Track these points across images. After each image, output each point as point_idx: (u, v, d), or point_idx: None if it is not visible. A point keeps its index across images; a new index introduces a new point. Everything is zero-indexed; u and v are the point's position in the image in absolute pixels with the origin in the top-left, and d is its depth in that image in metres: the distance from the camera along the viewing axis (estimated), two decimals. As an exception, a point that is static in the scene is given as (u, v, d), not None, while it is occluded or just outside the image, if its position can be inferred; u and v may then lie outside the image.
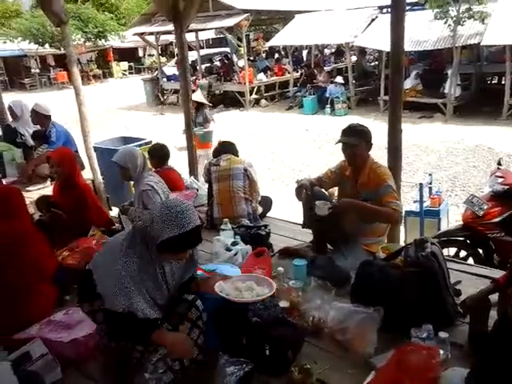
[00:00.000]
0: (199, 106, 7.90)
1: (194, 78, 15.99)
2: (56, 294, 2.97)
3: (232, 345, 2.25)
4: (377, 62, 15.16)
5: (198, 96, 8.15)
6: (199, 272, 2.55)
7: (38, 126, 5.52)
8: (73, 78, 4.66)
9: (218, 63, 17.03)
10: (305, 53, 17.90)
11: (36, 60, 26.90)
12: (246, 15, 13.40)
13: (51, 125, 5.30)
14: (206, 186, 4.29)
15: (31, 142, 5.63)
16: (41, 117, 5.26)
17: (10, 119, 6.08)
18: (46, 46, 24.92)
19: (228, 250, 3.11)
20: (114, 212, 4.93)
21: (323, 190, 3.51)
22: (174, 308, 2.22)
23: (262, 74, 15.31)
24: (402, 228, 4.10)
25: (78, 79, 4.68)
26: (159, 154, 4.31)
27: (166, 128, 12.16)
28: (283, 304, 2.53)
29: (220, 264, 2.92)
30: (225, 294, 2.30)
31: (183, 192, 4.29)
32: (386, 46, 9.52)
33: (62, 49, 25.96)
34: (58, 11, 4.18)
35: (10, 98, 6.74)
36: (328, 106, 12.70)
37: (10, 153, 5.47)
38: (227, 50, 18.16)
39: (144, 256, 2.09)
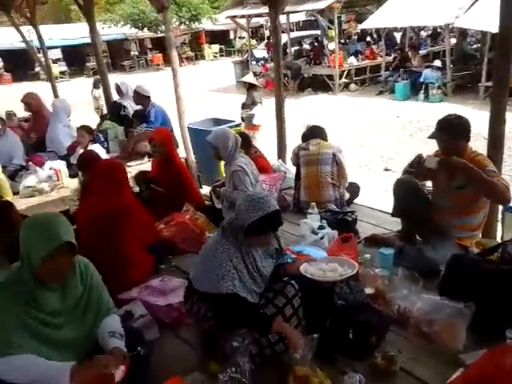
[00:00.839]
0: (250, 87, 7.91)
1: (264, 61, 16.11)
2: (153, 263, 3.23)
3: (316, 326, 2.31)
4: (479, 45, 14.06)
5: (250, 78, 8.14)
6: (287, 253, 2.63)
7: (139, 106, 5.93)
8: (171, 60, 4.91)
9: (307, 46, 16.84)
10: (398, 35, 17.10)
11: (135, 43, 28.53)
12: (338, -3, 13.08)
13: (150, 105, 5.66)
14: (294, 169, 4.35)
15: (131, 112, 6.06)
16: (141, 97, 5.63)
17: (116, 97, 6.59)
18: (145, 30, 26.31)
19: (314, 233, 3.16)
20: (204, 190, 5.18)
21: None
22: (271, 286, 2.33)
23: (353, 57, 14.91)
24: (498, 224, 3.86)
25: (175, 62, 4.92)
26: (248, 141, 4.43)
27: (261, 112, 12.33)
28: (369, 290, 2.54)
29: (307, 246, 2.98)
30: (309, 274, 2.37)
31: (271, 174, 4.38)
32: (492, 27, 8.83)
33: (159, 32, 27.31)
34: (162, -2, 4.41)
35: (112, 79, 7.23)
36: (422, 91, 12.08)
37: (113, 130, 5.94)
38: (317, 32, 17.89)
39: (235, 245, 2.27)
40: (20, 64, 25.64)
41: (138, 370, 2.00)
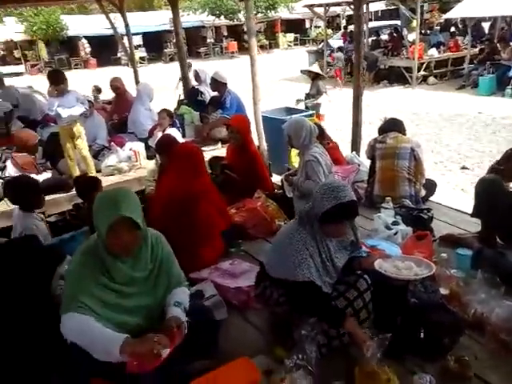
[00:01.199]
0: (315, 77, 7.71)
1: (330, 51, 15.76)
2: (224, 245, 3.31)
3: (385, 322, 2.27)
4: None
5: (316, 67, 7.95)
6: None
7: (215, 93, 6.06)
8: (250, 49, 4.93)
9: (385, 36, 16.27)
10: (486, 26, 16.05)
11: (212, 31, 29.06)
12: (424, -15, 12.50)
13: (227, 92, 5.76)
14: (367, 162, 4.25)
15: (208, 98, 6.21)
16: (218, 84, 5.74)
17: (194, 83, 6.79)
18: (222, 17, 26.70)
19: (388, 228, 3.09)
20: (274, 178, 5.21)
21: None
22: (343, 278, 2.32)
23: (434, 49, 14.17)
24: None
25: (254, 50, 4.94)
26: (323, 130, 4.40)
27: (326, 101, 12.16)
28: (443, 291, 2.44)
29: (381, 241, 2.92)
30: (383, 270, 2.32)
31: (344, 166, 4.32)
32: None
33: (235, 20, 27.63)
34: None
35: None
36: (510, 86, 11.29)
37: (189, 115, 6.12)
38: (397, 22, 17.23)
39: (311, 234, 2.26)
40: (104, 50, 27.10)
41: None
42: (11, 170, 4.47)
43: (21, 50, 25.95)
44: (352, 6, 14.90)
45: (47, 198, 4.06)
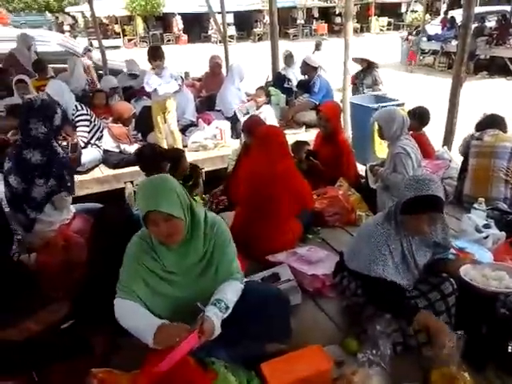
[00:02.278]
0: (369, 65, 7.20)
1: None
2: (302, 231, 3.30)
3: (469, 329, 2.15)
4: None
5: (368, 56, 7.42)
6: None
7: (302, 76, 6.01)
8: (345, 32, 4.82)
9: (491, 23, 15.03)
10: None
11: (303, 12, 28.60)
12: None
13: (316, 76, 5.68)
14: (461, 158, 4.01)
15: (295, 88, 6.17)
16: (309, 68, 5.68)
17: (282, 66, 6.75)
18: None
19: (478, 231, 2.90)
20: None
21: None
22: (427, 278, 2.24)
23: (549, 39, 12.91)
24: None
25: (349, 34, 4.81)
26: (421, 118, 4.19)
27: (418, 89, 11.59)
28: (539, 305, 2.26)
29: (470, 243, 2.76)
30: (468, 278, 2.20)
31: (433, 161, 4.11)
32: None
33: (329, 2, 26.97)
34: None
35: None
36: None
37: (276, 97, 6.13)
38: (505, 8, 15.80)
39: (396, 229, 2.21)
40: (195, 27, 27.80)
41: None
42: (107, 140, 4.77)
43: (120, 25, 27.34)
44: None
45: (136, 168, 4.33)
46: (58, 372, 2.02)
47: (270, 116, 5.39)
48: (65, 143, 4.06)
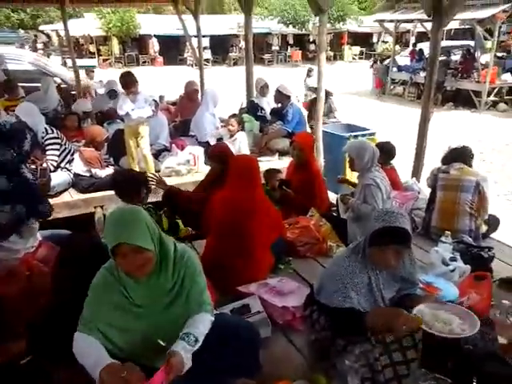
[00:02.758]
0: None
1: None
2: (272, 261, 3.30)
3: (433, 362, 2.18)
4: None
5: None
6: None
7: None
8: (319, 63, 4.92)
9: (456, 57, 15.71)
10: None
11: (278, 38, 29.23)
12: (506, 6, 11.95)
13: (289, 104, 5.78)
14: (429, 190, 4.11)
15: (269, 117, 6.24)
16: (283, 96, 5.78)
17: (256, 93, 6.82)
18: (290, 26, 26.87)
19: (445, 264, 2.97)
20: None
21: None
22: None
23: (509, 74, 13.56)
24: None
25: (323, 65, 4.91)
26: (388, 153, 4.30)
27: (388, 119, 11.92)
28: (502, 340, 2.31)
29: (437, 278, 2.81)
30: (424, 321, 2.19)
31: (402, 192, 4.21)
32: None
33: (304, 30, 27.68)
34: (321, 1, 4.43)
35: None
36: None
37: (250, 124, 6.17)
38: (469, 43, 16.58)
39: (362, 262, 2.24)
40: (172, 49, 27.97)
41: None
42: (78, 163, 4.69)
43: (96, 45, 27.25)
44: (424, 24, 14.72)
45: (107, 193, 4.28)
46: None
47: (243, 143, 5.43)
48: (33, 167, 3.97)
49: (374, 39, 30.76)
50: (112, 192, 4.50)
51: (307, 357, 2.48)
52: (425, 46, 15.93)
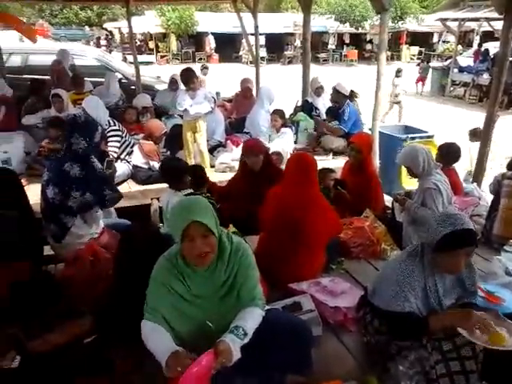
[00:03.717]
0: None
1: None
2: (325, 261, 3.28)
3: (496, 376, 2.10)
4: None
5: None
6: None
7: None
8: (379, 63, 4.84)
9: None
10: None
11: (334, 37, 28.88)
12: None
13: (346, 104, 5.70)
14: (491, 196, 3.95)
15: (324, 117, 6.20)
16: (340, 95, 5.71)
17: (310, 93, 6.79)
18: (347, 24, 26.48)
19: (508, 274, 2.83)
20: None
21: None
22: None
23: None
24: None
25: (383, 64, 4.82)
26: (451, 155, 4.16)
27: (447, 121, 11.49)
28: None
29: (500, 287, 2.68)
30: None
31: (462, 197, 4.06)
32: None
33: (360, 29, 27.21)
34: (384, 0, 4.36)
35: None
36: None
37: (305, 122, 6.16)
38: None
39: (419, 267, 2.19)
40: (227, 47, 28.32)
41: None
42: (137, 155, 4.87)
43: (154, 42, 28.07)
44: (492, 23, 14.05)
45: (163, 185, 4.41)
46: (80, 387, 2.04)
47: (289, 139, 5.42)
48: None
49: (435, 39, 29.73)
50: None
51: (359, 358, 2.45)
52: (491, 46, 15.24)
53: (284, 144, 5.35)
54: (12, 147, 4.97)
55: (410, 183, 5.19)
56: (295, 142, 5.94)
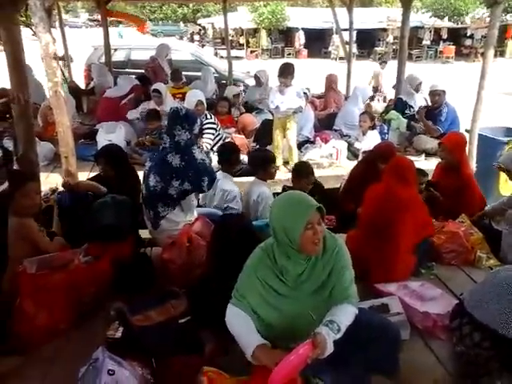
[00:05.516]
0: None
1: None
2: (415, 264, 3.20)
3: None
4: None
5: None
6: None
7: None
8: (485, 60, 4.58)
9: None
10: None
11: (430, 32, 27.48)
12: None
13: (444, 103, 5.45)
14: None
15: (417, 116, 5.98)
16: (441, 96, 5.46)
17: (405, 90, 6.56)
18: (445, 19, 25.09)
19: None
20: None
21: None
22: None
23: None
24: None
25: (489, 62, 4.54)
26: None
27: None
28: None
29: None
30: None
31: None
32: None
33: (460, 23, 25.67)
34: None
35: (394, 65, 7.08)
36: None
37: (397, 122, 5.99)
38: None
39: None
40: (316, 42, 28.12)
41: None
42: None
43: (245, 37, 28.64)
44: None
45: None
46: (174, 364, 2.19)
47: (374, 142, 5.29)
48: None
49: (547, 32, 27.17)
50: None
51: (448, 368, 2.38)
52: None
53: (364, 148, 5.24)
54: (114, 136, 5.38)
55: (507, 188, 4.86)
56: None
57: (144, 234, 3.63)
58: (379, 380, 2.19)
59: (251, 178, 4.69)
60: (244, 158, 5.08)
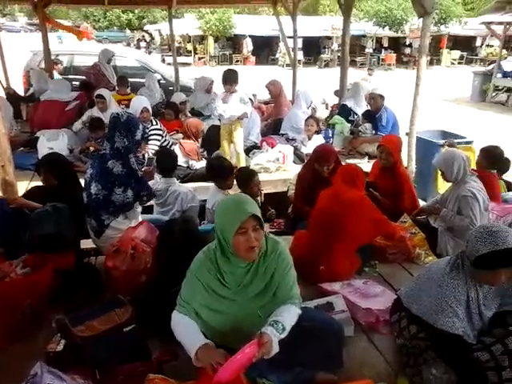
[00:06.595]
0: None
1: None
2: (359, 262, 3.30)
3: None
4: None
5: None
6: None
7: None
8: (418, 67, 4.76)
9: None
10: None
11: (372, 40, 28.54)
12: None
13: (383, 108, 5.67)
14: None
15: (360, 123, 6.19)
16: (377, 100, 5.68)
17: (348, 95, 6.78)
18: (386, 28, 26.17)
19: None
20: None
21: None
22: (491, 330, 2.18)
23: None
24: None
25: (422, 69, 4.75)
26: (492, 158, 4.09)
27: (488, 128, 11.18)
28: None
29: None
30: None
31: (501, 205, 3.97)
32: None
33: (400, 32, 26.81)
34: (426, 3, 4.31)
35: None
36: None
37: (340, 126, 6.16)
38: None
39: (462, 279, 2.17)
40: (264, 49, 28.51)
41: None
42: (178, 154, 4.98)
43: (192, 44, 28.54)
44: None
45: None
46: (119, 374, 2.14)
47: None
48: (140, 155, 4.32)
49: (478, 43, 28.95)
50: (204, 183, 4.77)
51: (389, 360, 2.46)
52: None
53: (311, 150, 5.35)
54: (57, 144, 5.19)
55: (445, 187, 5.12)
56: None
57: (88, 243, 3.53)
58: (325, 376, 2.23)
59: (200, 184, 4.71)
60: (193, 163, 5.07)
